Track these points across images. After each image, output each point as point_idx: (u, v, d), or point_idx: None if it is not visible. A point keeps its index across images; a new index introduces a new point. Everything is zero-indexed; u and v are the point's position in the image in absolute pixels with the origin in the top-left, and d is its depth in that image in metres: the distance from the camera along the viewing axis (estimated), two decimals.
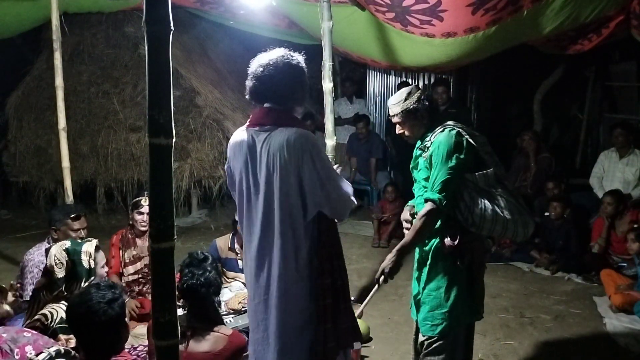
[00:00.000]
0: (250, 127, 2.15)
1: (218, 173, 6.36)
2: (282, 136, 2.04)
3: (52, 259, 2.54)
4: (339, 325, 2.13)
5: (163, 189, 1.36)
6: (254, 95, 2.15)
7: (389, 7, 4.17)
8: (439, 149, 2.37)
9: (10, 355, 2.05)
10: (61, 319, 2.47)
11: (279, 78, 2.09)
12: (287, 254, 2.08)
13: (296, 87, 2.15)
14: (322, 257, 2.11)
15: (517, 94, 7.74)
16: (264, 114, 2.13)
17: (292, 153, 2.01)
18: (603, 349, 3.53)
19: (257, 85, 2.12)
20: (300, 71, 2.17)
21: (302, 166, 2.02)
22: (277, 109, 2.12)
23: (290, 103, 2.16)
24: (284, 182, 2.03)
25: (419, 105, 2.48)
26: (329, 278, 2.11)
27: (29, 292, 3.12)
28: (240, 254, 3.77)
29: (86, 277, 2.56)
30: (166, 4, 1.31)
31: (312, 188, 2.04)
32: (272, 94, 2.11)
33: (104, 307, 1.95)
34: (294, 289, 2.11)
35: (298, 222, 2.07)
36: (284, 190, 2.04)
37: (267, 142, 2.06)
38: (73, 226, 3.34)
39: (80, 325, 1.99)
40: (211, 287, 2.52)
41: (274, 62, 2.10)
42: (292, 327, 2.13)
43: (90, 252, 2.60)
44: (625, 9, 4.16)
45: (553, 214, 4.98)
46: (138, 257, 3.69)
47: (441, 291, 2.47)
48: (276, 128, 2.08)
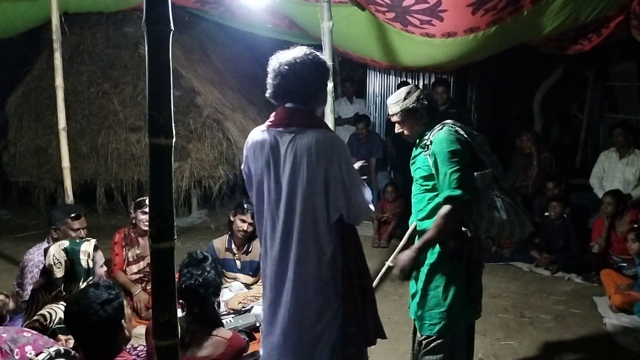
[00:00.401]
0: (272, 127, 2.08)
1: (218, 173, 6.36)
2: (310, 138, 2.00)
3: (51, 259, 2.53)
4: (366, 325, 2.12)
5: (163, 189, 1.35)
6: (278, 93, 2.08)
7: (389, 7, 4.17)
8: (442, 147, 2.37)
9: (10, 355, 2.04)
10: (60, 319, 2.46)
11: (305, 76, 2.03)
12: (309, 255, 2.05)
13: (322, 87, 2.12)
14: (347, 258, 2.09)
15: (517, 94, 7.74)
16: (288, 115, 2.07)
17: (320, 155, 1.98)
18: (603, 349, 3.53)
19: (282, 84, 2.04)
20: (327, 70, 2.13)
21: (329, 169, 1.99)
22: (301, 110, 2.06)
23: (314, 103, 2.11)
24: (310, 184, 2.00)
25: (418, 104, 2.48)
26: (357, 279, 2.10)
27: (29, 292, 3.11)
28: (238, 255, 3.77)
29: (85, 276, 2.55)
30: (166, 4, 1.31)
31: (336, 192, 2.02)
32: (298, 92, 2.05)
33: (97, 307, 1.92)
34: (317, 291, 2.07)
35: (322, 224, 2.04)
36: (309, 192, 2.01)
37: (292, 144, 2.01)
38: (73, 226, 3.34)
39: (75, 325, 1.98)
40: (210, 287, 2.49)
41: (301, 60, 2.03)
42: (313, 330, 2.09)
43: (89, 251, 2.60)
44: (625, 9, 4.16)
45: (553, 214, 4.99)
46: (141, 257, 3.71)
47: (439, 290, 2.47)
48: (303, 129, 2.02)
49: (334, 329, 2.10)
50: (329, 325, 2.09)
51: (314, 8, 3.72)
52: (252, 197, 2.20)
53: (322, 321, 2.09)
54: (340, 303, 2.09)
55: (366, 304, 2.12)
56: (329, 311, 2.09)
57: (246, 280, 3.79)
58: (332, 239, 2.06)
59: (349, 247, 2.10)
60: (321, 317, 2.08)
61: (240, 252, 3.75)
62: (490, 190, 2.45)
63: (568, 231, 4.96)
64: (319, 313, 2.08)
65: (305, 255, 2.05)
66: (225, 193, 6.56)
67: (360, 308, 2.10)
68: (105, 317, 1.93)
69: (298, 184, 2.01)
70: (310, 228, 2.04)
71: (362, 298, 2.11)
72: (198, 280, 2.45)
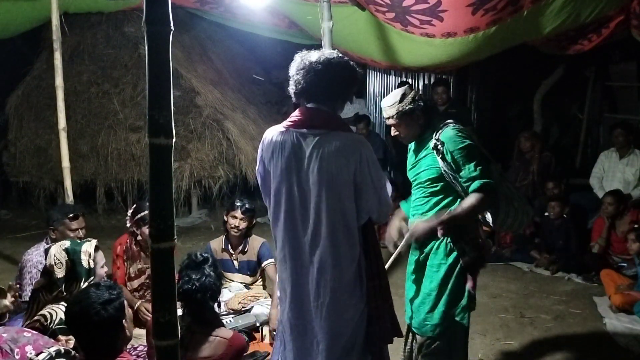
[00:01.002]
0: (293, 127, 2.03)
1: (218, 173, 6.37)
2: (339, 141, 1.96)
3: (52, 259, 2.53)
4: (385, 324, 2.12)
5: (163, 189, 1.35)
6: (307, 91, 2.02)
7: (389, 7, 4.17)
8: (456, 143, 2.36)
9: (10, 355, 2.04)
10: (60, 320, 2.46)
11: (339, 76, 2.00)
12: (340, 258, 2.02)
13: (350, 91, 2.10)
14: (370, 259, 2.08)
15: (517, 94, 7.73)
16: (312, 116, 2.02)
17: (350, 158, 1.96)
18: (603, 349, 3.53)
19: (314, 81, 1.98)
20: (357, 76, 2.10)
21: (358, 171, 1.97)
22: (326, 111, 2.02)
23: (339, 106, 2.09)
24: (340, 187, 1.97)
25: (414, 105, 2.46)
26: (378, 279, 2.09)
27: (28, 292, 3.11)
28: (235, 255, 3.76)
29: (86, 277, 2.55)
30: (166, 4, 1.31)
31: (366, 194, 2.01)
32: (328, 92, 2.01)
33: (98, 307, 1.92)
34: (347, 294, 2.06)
35: (352, 226, 2.03)
36: (339, 195, 1.98)
37: (319, 146, 1.97)
38: (71, 226, 3.33)
39: (77, 325, 1.98)
40: (207, 292, 2.45)
41: (336, 61, 2.00)
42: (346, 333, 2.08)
43: (90, 252, 2.60)
44: (625, 9, 4.16)
45: (552, 214, 4.99)
46: (143, 271, 3.58)
47: (441, 291, 2.47)
48: (328, 132, 1.99)
49: (361, 330, 2.10)
50: (358, 326, 2.09)
51: (314, 8, 3.72)
52: (268, 200, 2.14)
53: (351, 322, 2.08)
54: (365, 304, 2.09)
55: (385, 303, 2.13)
56: (357, 313, 2.08)
57: (244, 280, 3.79)
58: (358, 241, 2.06)
59: (371, 248, 2.09)
60: (352, 319, 2.08)
61: (236, 252, 3.74)
62: (502, 182, 2.49)
63: (568, 231, 4.97)
64: (351, 315, 2.07)
65: (334, 258, 2.02)
66: (225, 193, 6.56)
67: (380, 308, 2.10)
68: (107, 316, 1.92)
69: (327, 187, 1.97)
70: (340, 232, 2.01)
71: (382, 298, 2.11)
72: (195, 285, 2.42)
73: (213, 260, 2.62)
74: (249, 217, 3.64)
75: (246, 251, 3.74)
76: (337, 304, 2.05)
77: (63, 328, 2.44)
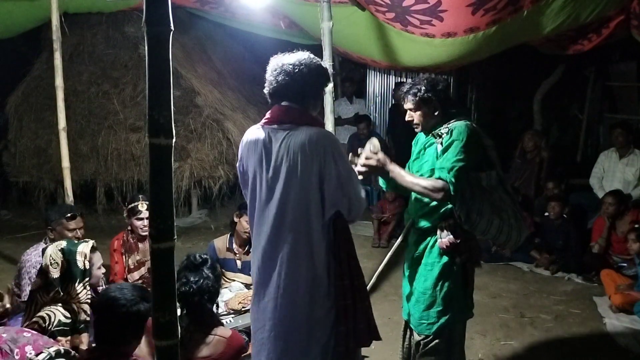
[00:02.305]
0: (267, 125, 2.12)
1: (218, 173, 6.36)
2: (304, 135, 2.02)
3: (48, 259, 2.54)
4: (357, 325, 2.12)
5: (163, 189, 1.35)
6: (278, 91, 2.10)
7: (389, 7, 4.17)
8: (463, 136, 2.34)
9: (10, 355, 2.05)
10: (59, 321, 2.47)
11: (308, 78, 2.08)
12: (300, 253, 2.06)
13: (320, 92, 2.19)
14: (340, 258, 2.09)
15: (517, 94, 7.74)
16: (283, 112, 2.10)
17: (314, 152, 2.00)
18: (603, 349, 3.53)
19: (286, 82, 2.07)
20: (328, 78, 2.20)
21: (324, 165, 2.01)
22: (296, 108, 2.10)
23: (312, 103, 2.16)
24: (304, 180, 2.01)
25: (434, 94, 2.45)
26: (348, 279, 2.10)
27: (27, 292, 3.11)
28: (239, 254, 3.76)
29: (81, 277, 2.56)
30: (166, 4, 1.31)
31: (332, 187, 2.03)
32: (298, 92, 2.08)
33: (137, 299, 2.03)
34: (307, 288, 2.08)
35: (316, 221, 2.05)
36: (304, 189, 2.02)
37: (286, 140, 2.03)
38: (69, 226, 3.33)
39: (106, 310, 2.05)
40: (205, 295, 2.45)
41: (307, 63, 2.09)
42: (303, 327, 2.10)
43: (86, 252, 2.60)
44: (625, 9, 4.16)
45: (552, 214, 4.99)
46: (142, 262, 3.66)
47: (436, 290, 2.47)
48: (297, 127, 2.05)
49: (326, 328, 2.10)
50: (319, 323, 2.10)
51: (314, 8, 3.72)
52: (246, 195, 2.22)
53: (312, 318, 2.10)
54: (333, 302, 2.10)
55: (357, 304, 2.12)
56: (320, 309, 2.09)
57: (246, 280, 3.78)
58: (324, 237, 2.07)
59: (341, 246, 2.10)
60: (311, 314, 2.09)
61: (241, 252, 3.75)
62: (495, 192, 2.43)
63: (568, 231, 4.96)
64: (308, 310, 2.09)
65: (296, 252, 2.06)
66: (225, 193, 6.56)
67: (350, 308, 2.10)
68: (142, 311, 2.03)
69: (292, 180, 2.03)
70: (302, 224, 2.05)
71: (352, 298, 2.11)
72: (192, 287, 2.42)
73: (212, 261, 2.61)
74: None
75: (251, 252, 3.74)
76: (291, 297, 2.08)
77: (62, 330, 2.46)
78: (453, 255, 2.43)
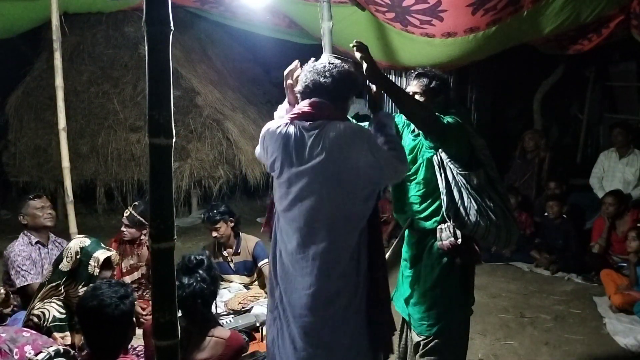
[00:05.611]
0: (297, 119, 2.09)
1: (218, 173, 6.37)
2: (339, 129, 2.02)
3: (68, 250, 2.59)
4: (384, 318, 2.14)
5: (163, 189, 1.35)
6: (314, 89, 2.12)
7: (389, 7, 4.17)
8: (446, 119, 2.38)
9: (9, 355, 2.05)
10: (54, 317, 2.49)
11: (345, 82, 2.14)
12: (338, 247, 2.04)
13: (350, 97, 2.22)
14: (373, 251, 2.10)
15: (517, 94, 7.73)
16: (314, 107, 2.09)
17: (350, 144, 2.00)
18: (603, 349, 3.53)
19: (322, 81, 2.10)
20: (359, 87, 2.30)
21: (359, 157, 2.00)
22: (328, 103, 2.10)
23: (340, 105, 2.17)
24: (341, 172, 2.01)
25: (443, 88, 2.49)
26: (381, 271, 2.11)
27: (20, 281, 3.15)
28: (229, 257, 3.76)
29: (86, 281, 2.56)
30: (166, 4, 1.31)
31: (373, 173, 2.03)
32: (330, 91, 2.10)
33: (116, 301, 1.98)
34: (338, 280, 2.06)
35: (352, 214, 2.05)
36: (340, 181, 2.01)
37: (319, 135, 2.02)
38: (36, 205, 3.35)
39: (90, 320, 2.00)
40: (198, 298, 2.38)
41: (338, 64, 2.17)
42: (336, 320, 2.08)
43: (99, 259, 2.61)
44: (625, 9, 4.16)
45: (551, 213, 5.00)
46: (135, 267, 3.65)
47: (437, 291, 2.47)
48: (328, 122, 2.05)
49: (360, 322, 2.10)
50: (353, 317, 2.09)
51: (314, 8, 3.72)
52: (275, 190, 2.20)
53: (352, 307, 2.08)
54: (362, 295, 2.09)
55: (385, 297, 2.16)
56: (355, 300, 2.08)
57: (242, 280, 3.79)
58: (360, 230, 2.07)
59: (375, 240, 2.11)
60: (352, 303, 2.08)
61: (231, 253, 3.76)
62: (483, 191, 2.42)
63: (568, 231, 4.97)
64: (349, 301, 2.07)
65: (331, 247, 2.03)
66: (225, 193, 6.56)
67: (384, 301, 2.13)
68: (125, 310, 1.99)
69: (328, 173, 2.01)
70: (340, 219, 2.03)
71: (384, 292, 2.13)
72: (185, 292, 2.35)
73: (209, 261, 2.53)
74: (223, 222, 3.66)
75: (239, 252, 3.75)
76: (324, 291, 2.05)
77: (57, 325, 2.47)
78: (453, 256, 2.43)
